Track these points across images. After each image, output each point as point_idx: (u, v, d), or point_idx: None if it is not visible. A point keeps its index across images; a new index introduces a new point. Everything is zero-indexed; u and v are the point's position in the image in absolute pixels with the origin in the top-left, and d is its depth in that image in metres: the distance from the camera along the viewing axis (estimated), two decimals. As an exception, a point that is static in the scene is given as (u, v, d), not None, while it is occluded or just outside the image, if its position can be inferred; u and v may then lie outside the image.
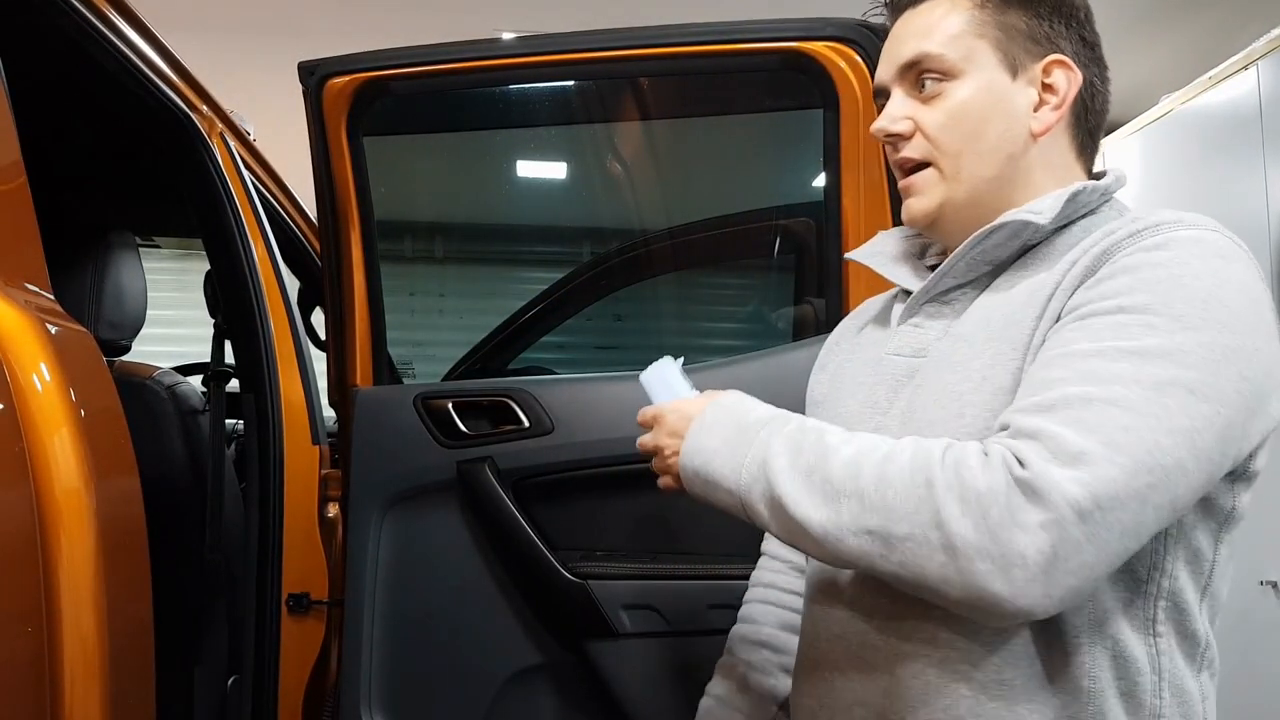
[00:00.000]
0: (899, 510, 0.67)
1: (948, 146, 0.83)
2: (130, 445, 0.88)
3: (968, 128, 0.82)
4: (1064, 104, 0.82)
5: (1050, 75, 0.82)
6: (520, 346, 1.89)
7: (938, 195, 0.84)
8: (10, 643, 0.68)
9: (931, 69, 0.83)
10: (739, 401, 0.83)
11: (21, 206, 0.85)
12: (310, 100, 1.41)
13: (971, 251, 0.82)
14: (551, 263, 4.66)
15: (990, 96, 0.82)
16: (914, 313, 0.87)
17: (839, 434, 0.76)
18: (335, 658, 1.57)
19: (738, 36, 1.35)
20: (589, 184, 3.91)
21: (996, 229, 0.80)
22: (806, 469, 0.73)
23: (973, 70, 0.82)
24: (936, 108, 0.83)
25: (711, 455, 0.80)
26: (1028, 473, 0.63)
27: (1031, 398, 0.68)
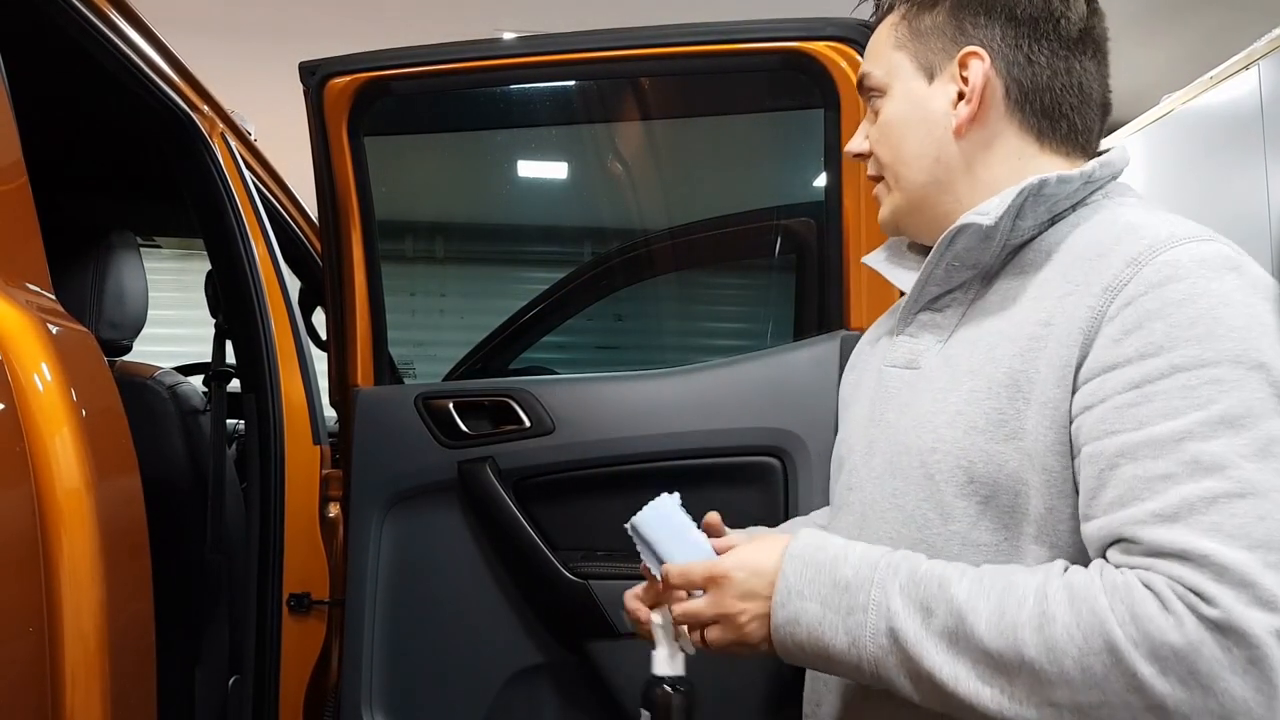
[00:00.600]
0: (1083, 681, 0.62)
1: (884, 159, 0.86)
2: (131, 445, 0.88)
3: (893, 140, 0.85)
4: (975, 94, 0.80)
5: (966, 68, 0.81)
6: (521, 346, 1.89)
7: (889, 205, 0.87)
8: (12, 642, 0.68)
9: (869, 86, 0.87)
10: (818, 549, 0.76)
11: (23, 206, 0.85)
12: (311, 100, 1.41)
13: (944, 259, 0.81)
14: (552, 263, 4.67)
15: (907, 105, 0.84)
16: (909, 321, 0.87)
17: (955, 575, 0.70)
18: (336, 658, 1.57)
19: (738, 36, 1.35)
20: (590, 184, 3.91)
21: (957, 233, 0.80)
22: (948, 635, 0.67)
23: (895, 83, 0.85)
24: (876, 125, 0.87)
25: (816, 624, 0.73)
26: (1218, 612, 0.59)
27: (1146, 504, 0.64)
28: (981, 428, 0.74)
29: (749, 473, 1.34)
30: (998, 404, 0.73)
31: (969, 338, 0.79)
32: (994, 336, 0.76)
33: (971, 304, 0.82)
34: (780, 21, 1.34)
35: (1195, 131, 2.47)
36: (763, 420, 1.32)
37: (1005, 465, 0.73)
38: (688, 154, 2.45)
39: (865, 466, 0.86)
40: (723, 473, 1.35)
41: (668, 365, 1.43)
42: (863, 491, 0.85)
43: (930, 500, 0.77)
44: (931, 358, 0.82)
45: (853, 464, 0.88)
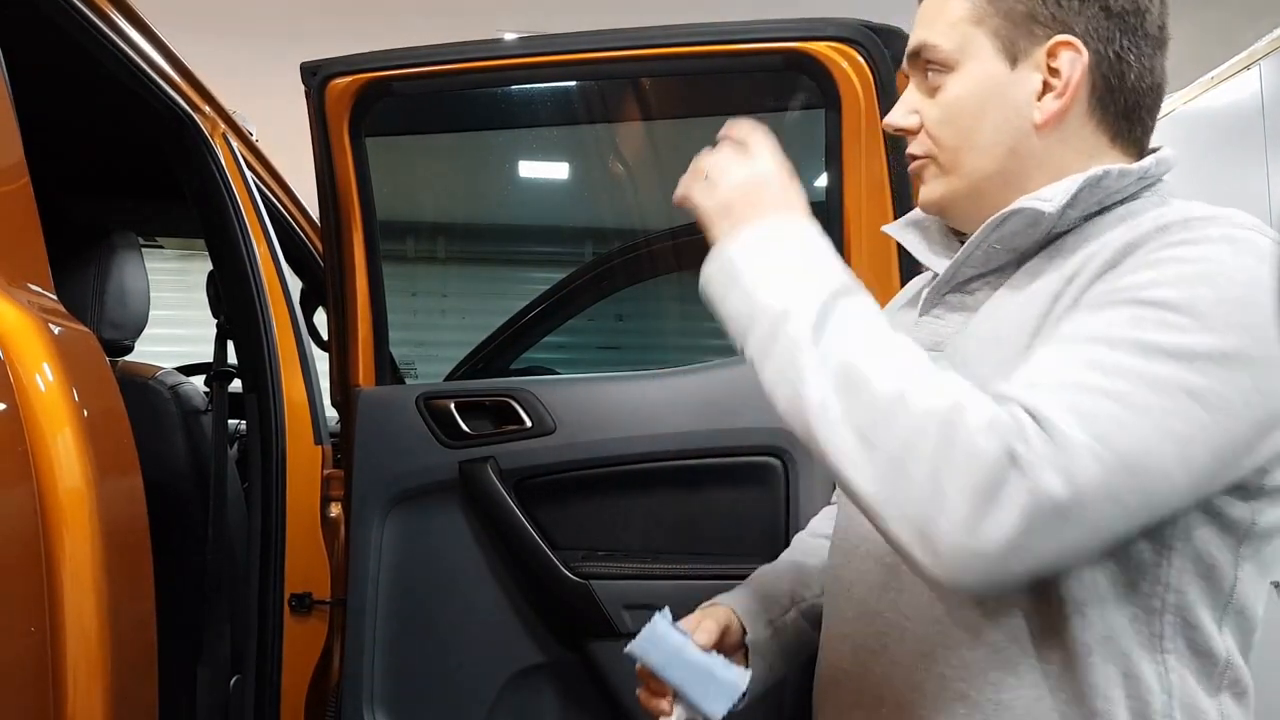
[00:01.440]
0: (909, 430, 0.64)
1: (944, 142, 0.80)
2: (133, 445, 0.88)
3: (962, 123, 0.79)
4: (1068, 90, 0.76)
5: (1056, 59, 0.76)
6: (522, 346, 1.89)
7: (939, 188, 0.82)
8: (13, 643, 0.68)
9: (931, 59, 0.80)
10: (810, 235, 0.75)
11: (24, 207, 0.85)
12: (313, 100, 1.41)
13: (987, 240, 0.78)
14: (554, 263, 4.67)
15: (985, 88, 0.78)
16: (935, 303, 0.84)
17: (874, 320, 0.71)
18: (338, 658, 1.57)
19: (740, 37, 1.35)
20: (591, 184, 3.91)
21: (1010, 216, 0.77)
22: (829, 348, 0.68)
23: (968, 61, 0.79)
24: (935, 102, 0.80)
25: (767, 270, 0.73)
26: (1026, 454, 0.60)
27: (1031, 374, 0.66)
28: None
29: (750, 472, 1.34)
30: (996, 390, 0.73)
31: (998, 314, 0.78)
32: (1021, 306, 0.75)
33: (999, 287, 0.80)
34: (782, 22, 1.34)
35: (1196, 131, 2.47)
36: (763, 420, 1.32)
37: None
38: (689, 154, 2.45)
39: None
40: (723, 473, 1.35)
41: (669, 365, 1.43)
42: None
43: None
44: (957, 338, 0.80)
45: None
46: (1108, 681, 0.70)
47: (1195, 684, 0.71)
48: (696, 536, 1.39)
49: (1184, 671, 0.71)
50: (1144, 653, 0.70)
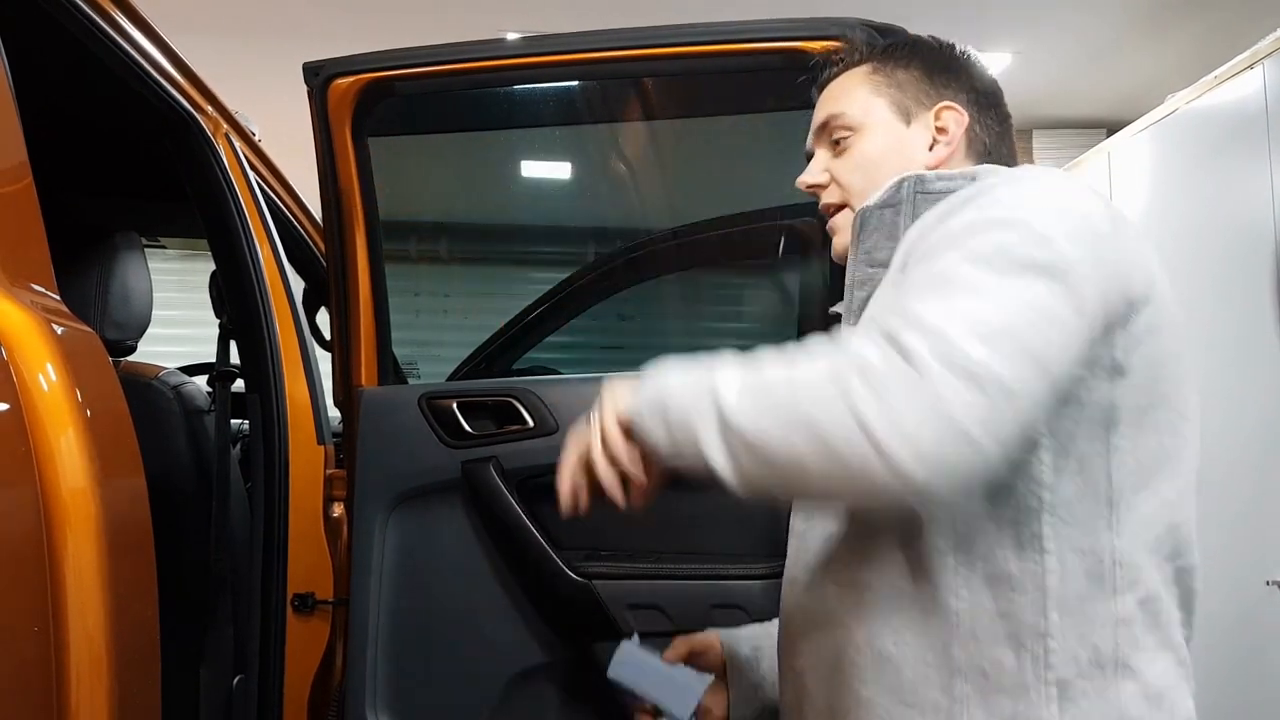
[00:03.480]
0: (809, 398, 0.67)
1: (854, 187, 0.94)
2: (136, 445, 0.88)
3: (869, 169, 0.93)
4: (954, 141, 0.93)
5: (940, 119, 0.94)
6: (525, 346, 1.89)
7: (849, 234, 0.93)
8: (16, 642, 0.69)
9: (839, 125, 0.95)
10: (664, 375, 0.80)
11: (27, 207, 0.85)
12: (315, 101, 1.41)
13: (857, 255, 0.89)
14: (556, 263, 4.66)
15: (886, 140, 0.94)
16: (849, 323, 0.93)
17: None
18: (340, 657, 1.57)
19: (741, 36, 1.35)
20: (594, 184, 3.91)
21: (861, 229, 0.89)
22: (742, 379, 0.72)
23: (871, 123, 0.95)
24: (845, 158, 0.95)
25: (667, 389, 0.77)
26: (899, 330, 0.66)
27: (878, 301, 0.78)
28: None
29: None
30: None
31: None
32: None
33: None
34: (783, 21, 1.34)
35: (1200, 131, 2.46)
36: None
37: None
38: (691, 154, 2.44)
39: None
40: (726, 473, 1.35)
41: (671, 365, 1.43)
42: None
43: None
44: None
45: None
46: (964, 583, 0.74)
47: (1085, 584, 0.72)
48: (699, 537, 1.40)
49: (1066, 572, 0.72)
50: (1012, 553, 0.73)
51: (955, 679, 0.74)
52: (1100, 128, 4.37)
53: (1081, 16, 3.69)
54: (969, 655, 0.73)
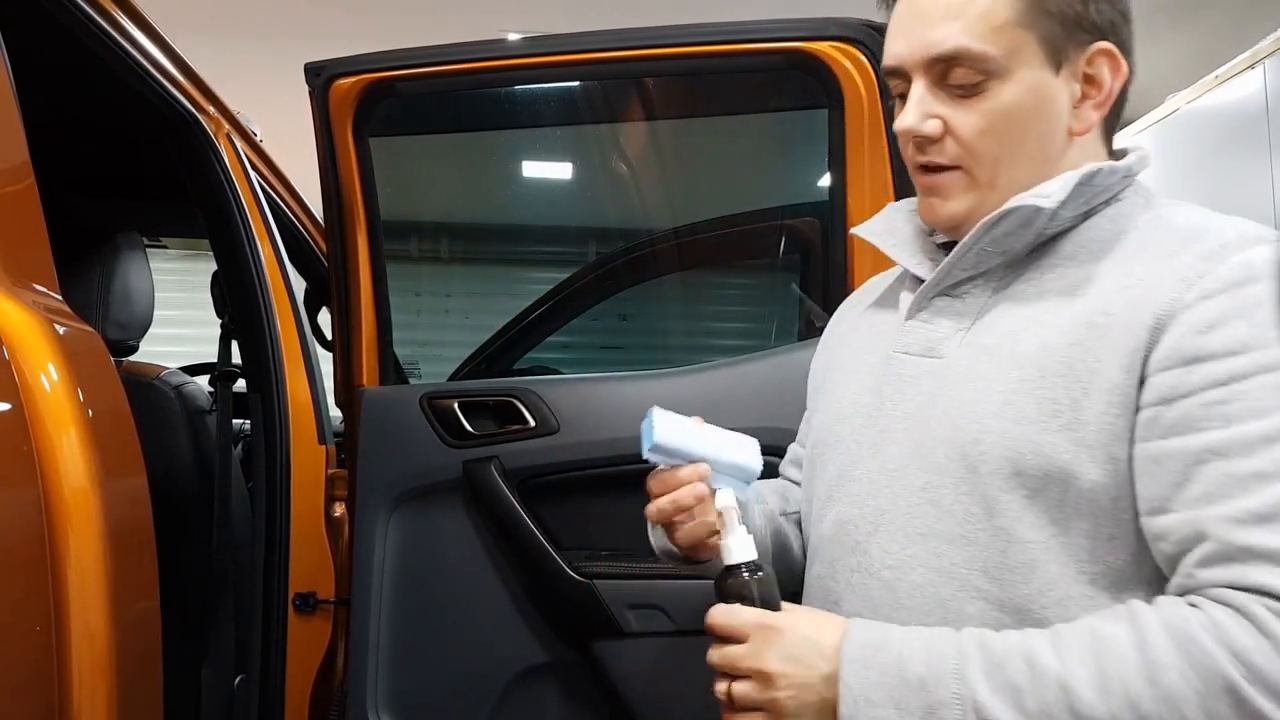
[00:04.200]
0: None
1: (984, 153, 0.75)
2: (138, 445, 0.88)
3: (1009, 134, 0.75)
4: (1108, 101, 0.75)
5: (1094, 66, 0.75)
6: (526, 346, 1.90)
7: (967, 202, 0.77)
8: (19, 642, 0.69)
9: (972, 65, 0.73)
10: (877, 649, 0.69)
11: (29, 207, 0.86)
12: (316, 101, 1.41)
13: (980, 242, 0.76)
14: (557, 263, 4.67)
15: (1034, 98, 0.74)
16: (923, 306, 0.82)
17: (1037, 645, 0.66)
18: (342, 657, 1.57)
19: (743, 37, 1.35)
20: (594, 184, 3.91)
21: (1004, 216, 0.75)
22: (1047, 711, 0.63)
23: (1017, 69, 0.73)
24: (973, 109, 0.74)
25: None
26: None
27: (1237, 501, 0.63)
28: (1033, 418, 0.71)
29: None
30: (1051, 393, 0.70)
31: (1006, 328, 0.75)
32: (1040, 327, 0.73)
33: (997, 292, 0.78)
34: (784, 22, 1.34)
35: (1201, 131, 2.46)
36: (767, 420, 1.32)
37: (1058, 457, 0.70)
38: (692, 154, 2.44)
39: (873, 458, 0.81)
40: (727, 473, 1.35)
41: (672, 365, 1.43)
42: (870, 484, 0.80)
43: (973, 494, 0.73)
44: (955, 346, 0.78)
45: (851, 454, 0.83)
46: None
47: None
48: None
49: None
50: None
51: None
52: (1101, 128, 4.36)
53: (1083, 16, 3.68)
54: None
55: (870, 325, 0.91)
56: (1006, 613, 0.72)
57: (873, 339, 0.88)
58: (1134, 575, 0.70)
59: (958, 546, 0.74)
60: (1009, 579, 0.72)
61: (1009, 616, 0.71)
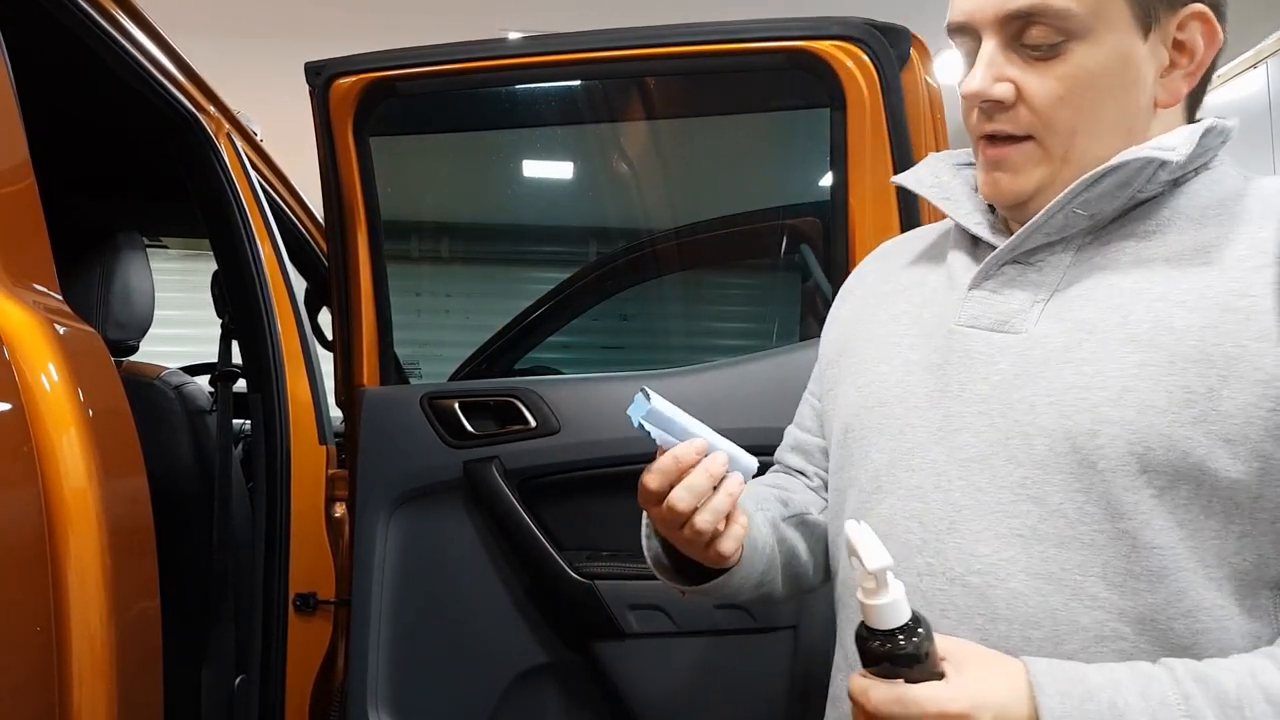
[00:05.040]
0: None
1: (1060, 123, 0.68)
2: (138, 445, 0.88)
3: (1088, 103, 0.67)
4: (1199, 71, 0.69)
5: (1185, 31, 0.68)
6: (526, 346, 1.89)
7: (1037, 176, 0.70)
8: (19, 642, 0.68)
9: (1052, 22, 0.66)
10: (1085, 699, 0.60)
11: (30, 207, 0.85)
12: (317, 101, 1.41)
13: (1073, 202, 0.68)
14: (558, 263, 4.66)
15: (1119, 64, 0.67)
16: (991, 274, 0.73)
17: (1273, 674, 0.60)
18: (342, 657, 1.57)
19: (744, 36, 1.35)
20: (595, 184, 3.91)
21: (1111, 171, 0.67)
22: None
23: (1102, 30, 0.66)
24: (1050, 74, 0.67)
25: None
26: None
27: None
28: (1162, 407, 0.64)
29: (756, 473, 1.34)
30: (1184, 380, 0.63)
31: (1106, 301, 0.68)
32: (1155, 301, 0.66)
33: (1079, 260, 0.71)
34: (786, 21, 1.33)
35: (1203, 130, 2.46)
36: (769, 420, 1.32)
37: (1192, 452, 0.63)
38: (693, 154, 2.44)
39: (937, 445, 0.72)
40: (728, 473, 1.35)
41: (673, 365, 1.43)
42: (937, 476, 0.72)
43: (1088, 492, 0.65)
44: (1034, 321, 0.70)
45: (907, 440, 0.74)
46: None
47: None
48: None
49: None
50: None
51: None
52: (1103, 127, 4.35)
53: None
54: None
55: (910, 292, 0.81)
56: (1127, 623, 0.65)
57: (917, 308, 0.79)
58: (1258, 578, 0.65)
59: (1070, 550, 0.66)
60: (1133, 586, 0.65)
61: (1129, 628, 0.65)
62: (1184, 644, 0.65)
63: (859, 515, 0.76)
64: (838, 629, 0.83)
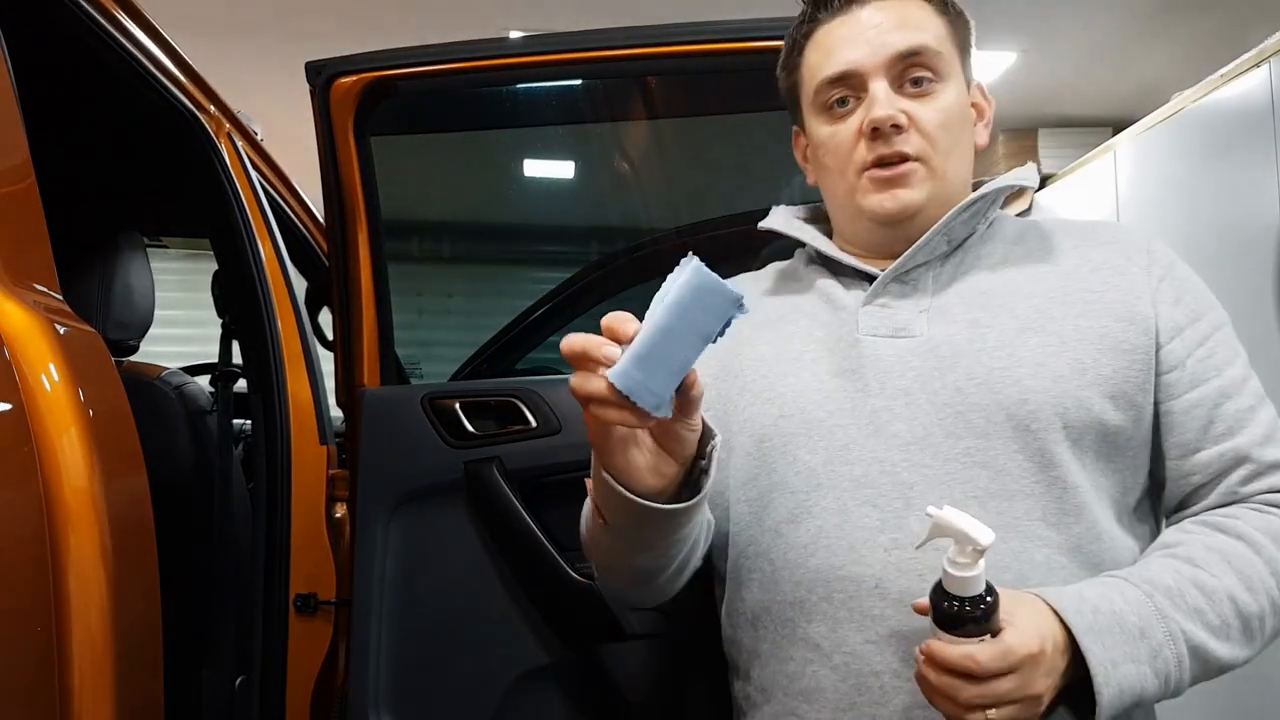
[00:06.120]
0: None
1: (941, 145, 0.85)
2: (138, 445, 0.88)
3: (955, 130, 0.86)
4: (989, 127, 0.91)
5: (977, 97, 0.91)
6: (528, 346, 1.89)
7: (926, 190, 0.86)
8: (19, 642, 0.68)
9: (927, 65, 0.85)
10: (1094, 612, 0.74)
11: (30, 208, 0.85)
12: (317, 100, 1.41)
13: (953, 221, 0.86)
14: (559, 262, 4.66)
15: (963, 104, 0.88)
16: (879, 292, 0.88)
17: (1190, 568, 0.78)
18: (343, 658, 1.57)
19: (746, 35, 1.34)
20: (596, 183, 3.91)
21: (981, 198, 0.87)
22: (1224, 624, 0.76)
23: (953, 76, 0.86)
24: (930, 105, 0.85)
25: (1135, 682, 0.73)
26: None
27: (1251, 430, 0.82)
28: (1067, 375, 0.80)
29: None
30: (1075, 354, 0.81)
31: (986, 302, 0.85)
32: (1033, 299, 0.84)
33: (938, 278, 0.88)
34: (787, 21, 1.33)
35: (1206, 130, 2.45)
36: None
37: (1092, 408, 0.80)
38: (694, 153, 2.44)
39: (874, 438, 0.82)
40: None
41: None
42: (880, 464, 0.81)
43: (1026, 450, 0.80)
44: (924, 326, 0.85)
45: (838, 439, 0.83)
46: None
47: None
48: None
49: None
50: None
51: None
52: (1105, 126, 4.36)
53: (1087, 15, 3.69)
54: None
55: (790, 318, 0.92)
56: (1064, 554, 0.79)
57: (805, 330, 0.90)
58: (1124, 505, 0.84)
59: (1017, 501, 0.79)
60: (1065, 522, 0.79)
61: (1066, 558, 0.79)
62: (1098, 563, 0.80)
63: (796, 513, 0.83)
64: (782, 636, 0.84)
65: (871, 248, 0.92)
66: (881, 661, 0.78)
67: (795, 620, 0.83)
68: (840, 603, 0.80)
